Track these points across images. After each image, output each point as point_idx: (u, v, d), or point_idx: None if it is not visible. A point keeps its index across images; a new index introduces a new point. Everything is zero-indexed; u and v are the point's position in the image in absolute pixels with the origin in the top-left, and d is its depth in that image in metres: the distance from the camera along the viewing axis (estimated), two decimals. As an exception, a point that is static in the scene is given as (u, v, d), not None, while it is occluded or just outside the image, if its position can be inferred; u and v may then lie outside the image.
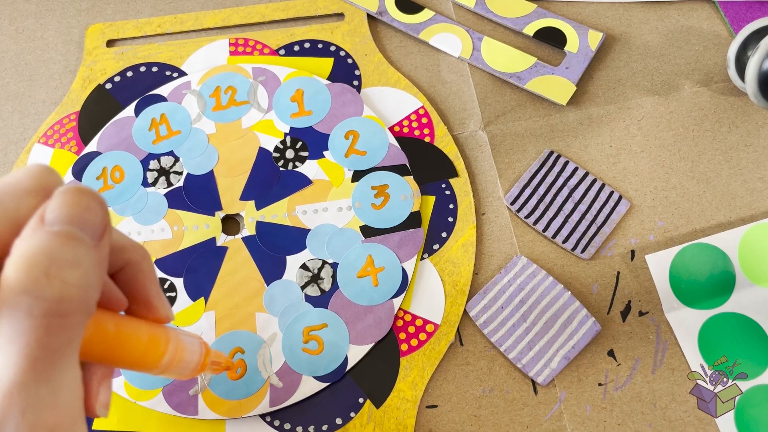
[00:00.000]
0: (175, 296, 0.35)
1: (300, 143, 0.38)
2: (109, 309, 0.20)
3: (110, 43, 0.42)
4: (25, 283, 0.15)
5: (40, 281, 0.15)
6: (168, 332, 0.22)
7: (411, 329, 0.34)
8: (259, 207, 0.37)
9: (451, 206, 0.37)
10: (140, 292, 0.21)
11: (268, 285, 0.35)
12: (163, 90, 0.40)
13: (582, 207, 0.37)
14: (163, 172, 0.38)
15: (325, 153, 0.38)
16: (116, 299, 0.20)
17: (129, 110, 0.39)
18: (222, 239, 0.36)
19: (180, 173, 0.38)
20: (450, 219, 0.37)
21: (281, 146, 0.38)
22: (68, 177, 0.37)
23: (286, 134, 0.38)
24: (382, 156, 0.38)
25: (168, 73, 0.41)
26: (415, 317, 0.34)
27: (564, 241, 0.36)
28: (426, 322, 0.34)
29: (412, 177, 0.37)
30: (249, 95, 0.39)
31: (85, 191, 0.16)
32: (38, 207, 0.16)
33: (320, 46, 0.41)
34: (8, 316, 0.15)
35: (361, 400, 0.33)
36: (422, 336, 0.34)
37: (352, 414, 0.33)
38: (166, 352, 0.21)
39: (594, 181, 0.38)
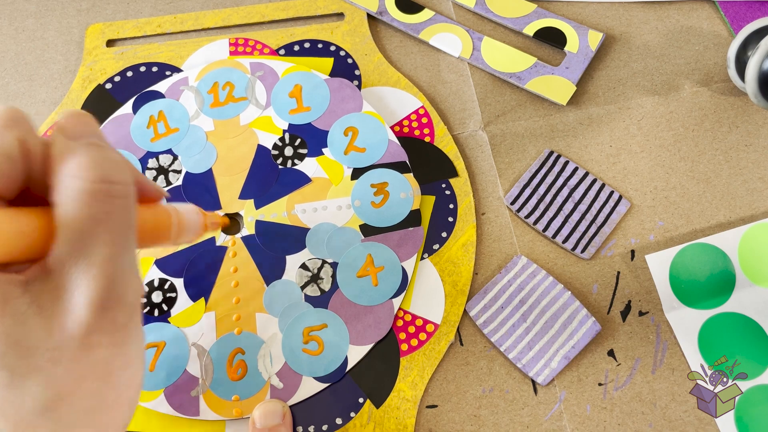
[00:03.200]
0: (176, 297, 0.35)
1: (299, 140, 0.38)
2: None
3: (110, 43, 0.42)
4: (101, 174, 0.17)
5: (111, 171, 0.18)
6: (166, 207, 0.24)
7: (411, 329, 0.34)
8: (258, 206, 0.37)
9: (451, 206, 0.37)
10: None
11: (267, 285, 0.35)
12: (161, 86, 0.40)
13: (582, 207, 0.37)
14: (161, 170, 0.37)
15: (324, 150, 0.38)
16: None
17: (127, 107, 0.39)
18: (222, 239, 0.36)
19: (179, 172, 0.37)
20: (450, 219, 0.37)
21: (280, 143, 0.38)
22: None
23: (284, 131, 0.38)
24: (382, 153, 0.38)
25: (168, 73, 0.40)
26: (415, 317, 0.34)
27: (564, 241, 0.36)
28: (426, 322, 0.34)
29: (411, 174, 0.37)
30: (247, 91, 0.39)
31: (83, 112, 0.19)
32: (18, 137, 0.18)
33: (320, 45, 0.41)
34: (89, 205, 0.17)
35: (361, 400, 0.33)
36: (422, 336, 0.34)
37: (352, 414, 0.32)
38: (172, 223, 0.24)
39: (594, 181, 0.38)
